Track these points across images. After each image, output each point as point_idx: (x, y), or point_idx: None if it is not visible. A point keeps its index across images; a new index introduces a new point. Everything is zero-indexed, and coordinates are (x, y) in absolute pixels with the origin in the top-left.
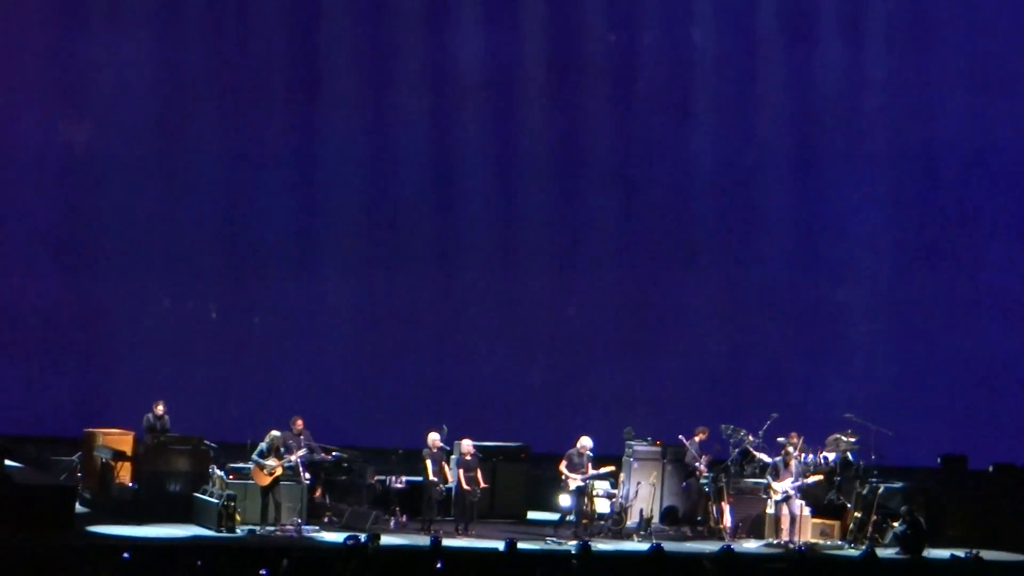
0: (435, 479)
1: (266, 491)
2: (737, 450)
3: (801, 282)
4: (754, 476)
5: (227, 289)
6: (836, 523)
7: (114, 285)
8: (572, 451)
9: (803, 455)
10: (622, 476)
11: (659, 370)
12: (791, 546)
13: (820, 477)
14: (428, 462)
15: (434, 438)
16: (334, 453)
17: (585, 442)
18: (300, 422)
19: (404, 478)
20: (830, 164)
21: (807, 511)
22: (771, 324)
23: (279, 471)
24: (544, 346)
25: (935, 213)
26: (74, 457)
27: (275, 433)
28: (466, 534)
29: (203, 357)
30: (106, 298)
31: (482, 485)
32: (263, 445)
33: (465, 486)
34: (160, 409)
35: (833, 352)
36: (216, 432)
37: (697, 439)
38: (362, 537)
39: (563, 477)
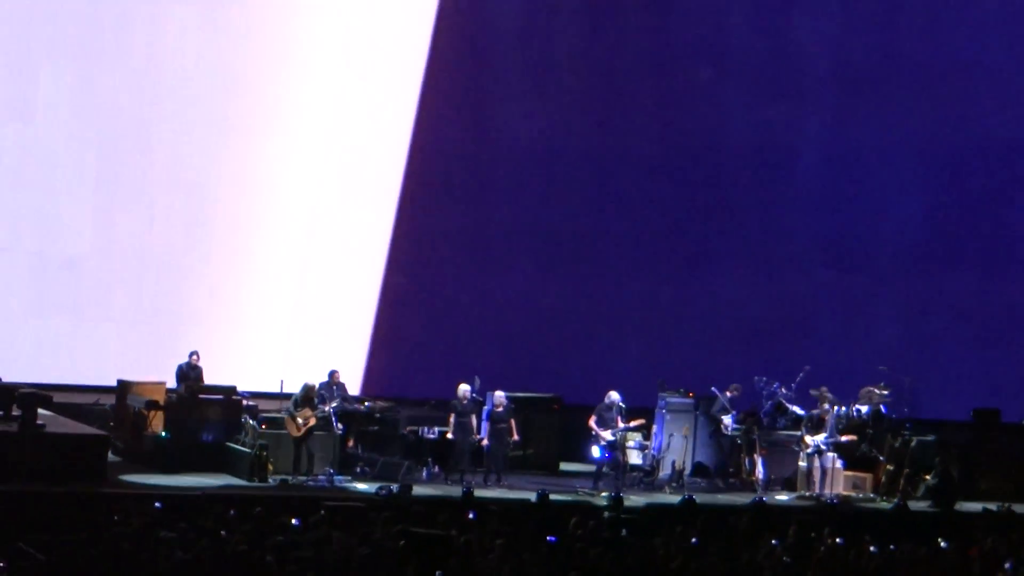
0: (457, 435)
1: (299, 442)
2: (770, 402)
3: (834, 232)
4: (787, 429)
5: None
6: (868, 476)
7: None
8: (601, 405)
9: (836, 408)
10: (654, 428)
11: (691, 321)
12: (823, 499)
13: (854, 437)
14: (451, 417)
15: (464, 390)
16: (367, 404)
17: (614, 396)
18: (337, 374)
19: (436, 429)
20: (864, 108)
21: (839, 464)
22: (805, 275)
23: (312, 422)
24: (577, 296)
25: (972, 157)
26: (105, 405)
27: (309, 383)
28: (498, 485)
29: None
30: None
31: (514, 437)
32: (297, 395)
33: (489, 439)
34: (195, 359)
35: (866, 304)
36: (250, 383)
37: (729, 394)
38: (394, 487)
39: (592, 432)
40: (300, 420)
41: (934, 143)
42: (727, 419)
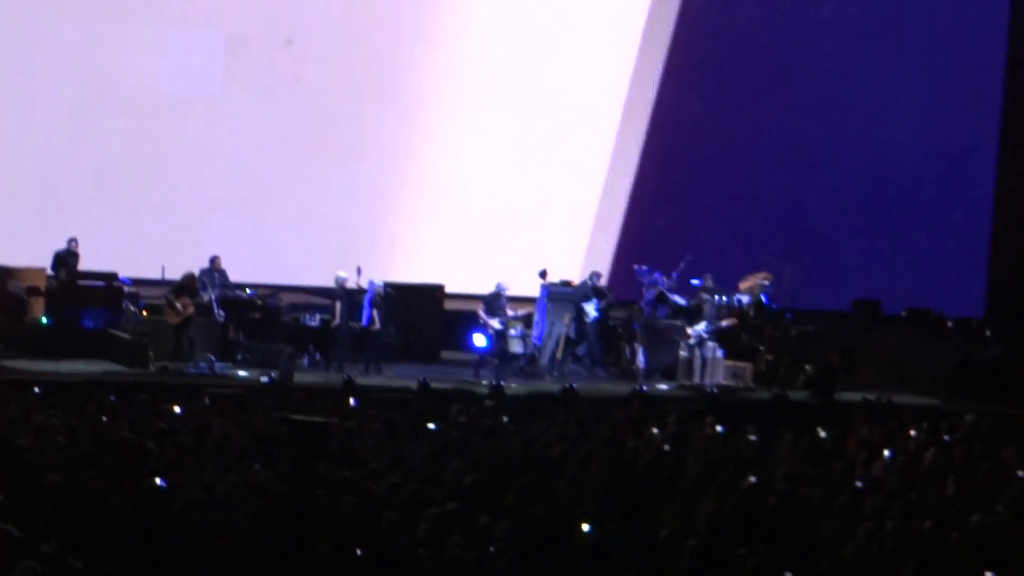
0: (340, 320)
1: (178, 329)
2: (650, 292)
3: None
4: (667, 319)
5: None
6: (748, 365)
7: None
8: (489, 294)
9: (716, 297)
10: (535, 317)
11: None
12: (703, 388)
13: (734, 320)
14: (336, 303)
15: (343, 277)
16: (249, 291)
17: (502, 285)
18: (219, 260)
19: (318, 316)
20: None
21: (719, 354)
22: (684, 169)
23: (191, 310)
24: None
25: None
26: None
27: (190, 271)
28: (379, 374)
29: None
30: None
31: (377, 326)
32: (177, 282)
33: (377, 325)
34: (74, 245)
35: (749, 193)
36: (130, 269)
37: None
38: (275, 375)
39: (480, 322)
40: (179, 306)
41: None
42: (588, 306)
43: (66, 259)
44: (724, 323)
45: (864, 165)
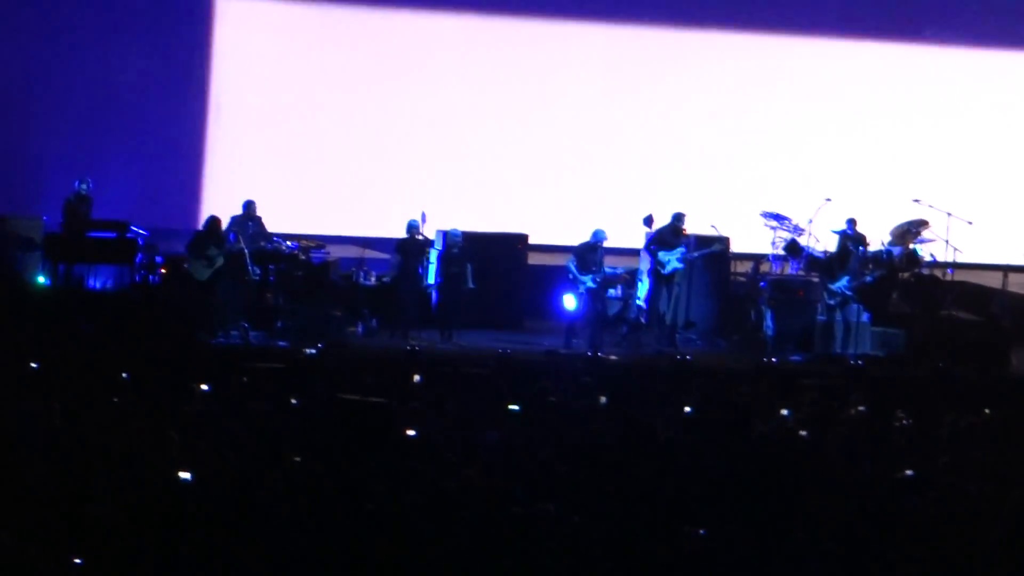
0: (401, 282)
1: (205, 288)
2: (782, 243)
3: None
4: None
5: None
6: (900, 333)
7: None
8: (582, 245)
9: (861, 248)
10: (641, 273)
11: (687, 143)
12: (846, 360)
13: (882, 272)
14: (401, 258)
15: (415, 223)
16: (290, 243)
17: (600, 234)
18: (255, 205)
19: (375, 274)
20: None
21: (864, 318)
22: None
23: (220, 262)
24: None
25: None
26: None
27: (215, 215)
28: (451, 344)
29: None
30: None
31: (469, 284)
32: (200, 231)
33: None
34: (84, 189)
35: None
36: (146, 217)
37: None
38: (323, 346)
39: (571, 277)
40: (204, 261)
41: None
42: (670, 256)
43: (75, 206)
44: (869, 277)
45: None
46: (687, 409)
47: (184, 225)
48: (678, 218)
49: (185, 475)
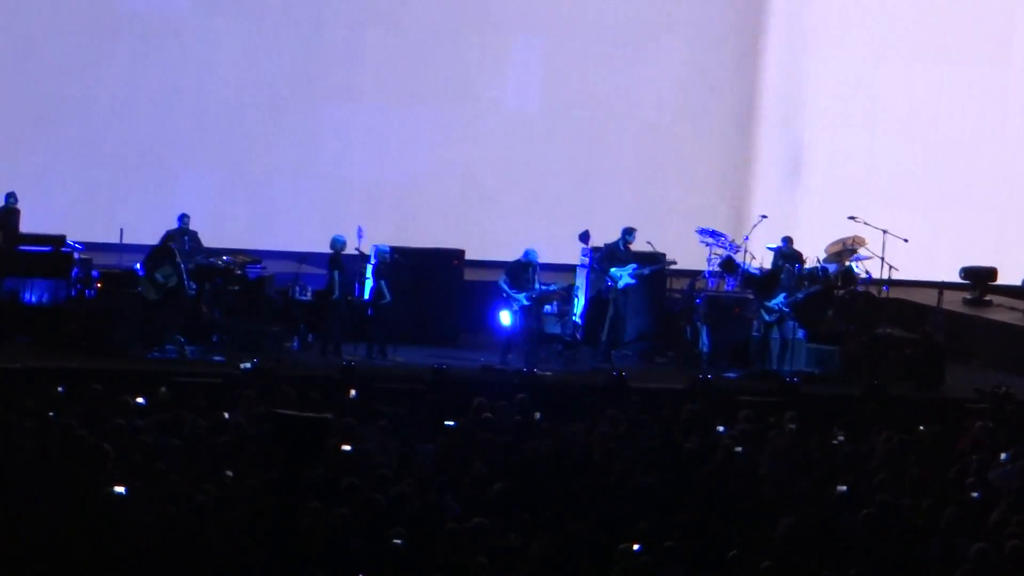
0: (338, 293)
1: (153, 307)
2: (718, 260)
3: None
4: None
5: None
6: (835, 349)
7: None
8: (514, 263)
9: (796, 264)
10: (577, 289)
11: (623, 159)
12: (781, 377)
13: (817, 288)
14: (334, 273)
15: (342, 240)
16: (225, 257)
17: (531, 254)
18: (188, 219)
19: (310, 289)
20: None
21: (800, 334)
22: None
23: (173, 282)
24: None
25: None
26: None
27: (170, 231)
28: (385, 359)
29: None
30: None
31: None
32: (155, 248)
33: (386, 298)
34: (12, 201)
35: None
36: (81, 231)
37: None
38: (258, 361)
39: (504, 295)
40: (160, 278)
41: None
42: (621, 272)
43: (4, 218)
44: (802, 294)
45: None
46: (623, 426)
47: (116, 239)
48: (628, 232)
49: (119, 489)
